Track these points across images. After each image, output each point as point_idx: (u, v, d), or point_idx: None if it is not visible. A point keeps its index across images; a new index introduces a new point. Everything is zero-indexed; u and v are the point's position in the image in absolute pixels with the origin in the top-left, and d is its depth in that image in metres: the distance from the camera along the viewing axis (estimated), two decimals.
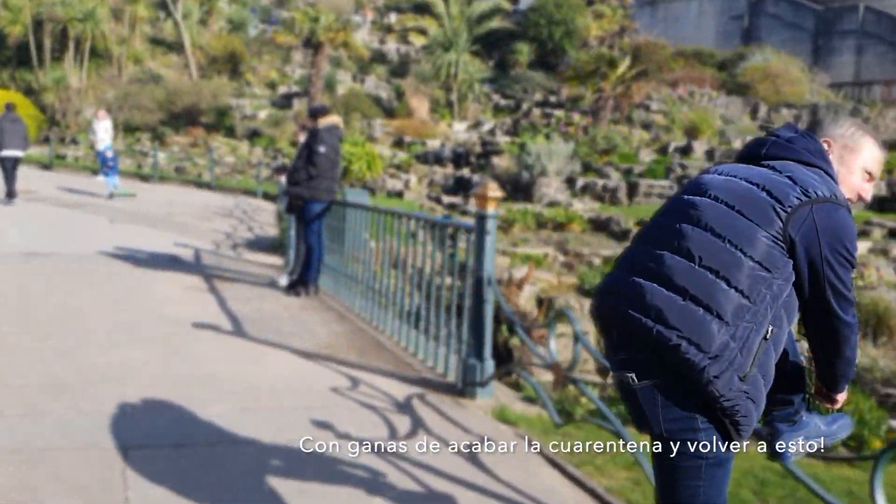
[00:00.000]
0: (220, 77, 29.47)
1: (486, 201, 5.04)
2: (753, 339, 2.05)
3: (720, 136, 19.77)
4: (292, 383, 5.19)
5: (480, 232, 5.15)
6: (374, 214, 7.46)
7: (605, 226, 14.56)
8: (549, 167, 17.36)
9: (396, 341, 6.48)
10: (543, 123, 21.79)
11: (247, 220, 15.08)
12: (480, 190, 5.07)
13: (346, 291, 8.06)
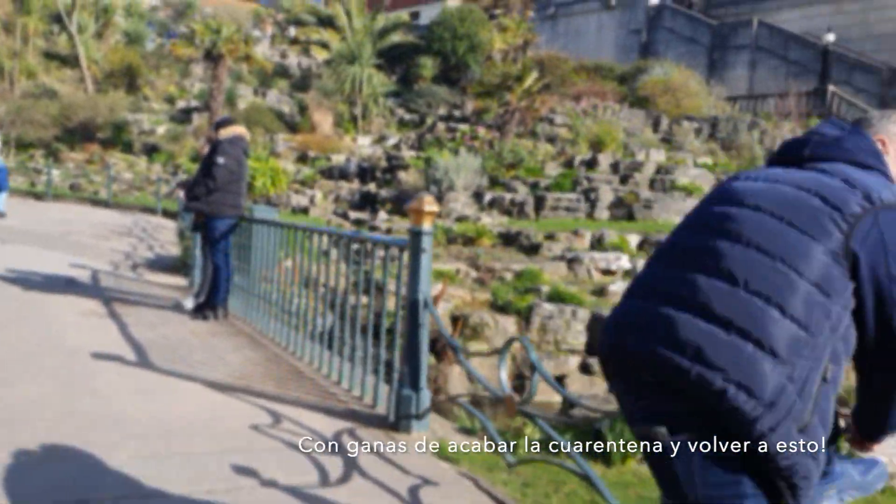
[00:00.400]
0: (117, 91, 29.29)
1: (422, 216, 4.82)
2: (812, 381, 1.74)
3: (624, 148, 20.27)
4: (207, 421, 4.79)
5: (416, 250, 4.92)
6: (288, 231, 7.17)
7: (515, 240, 14.62)
8: (458, 181, 17.35)
9: (317, 368, 6.18)
10: (448, 138, 21.86)
11: (147, 238, 14.84)
12: (416, 204, 4.83)
13: (257, 314, 7.74)
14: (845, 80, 30.29)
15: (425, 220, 4.83)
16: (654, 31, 36.35)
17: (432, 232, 4.92)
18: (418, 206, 4.82)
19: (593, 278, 13.23)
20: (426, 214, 4.82)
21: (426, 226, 4.85)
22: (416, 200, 4.86)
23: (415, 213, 4.86)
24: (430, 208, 4.83)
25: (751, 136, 21.82)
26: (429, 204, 4.82)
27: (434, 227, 13.29)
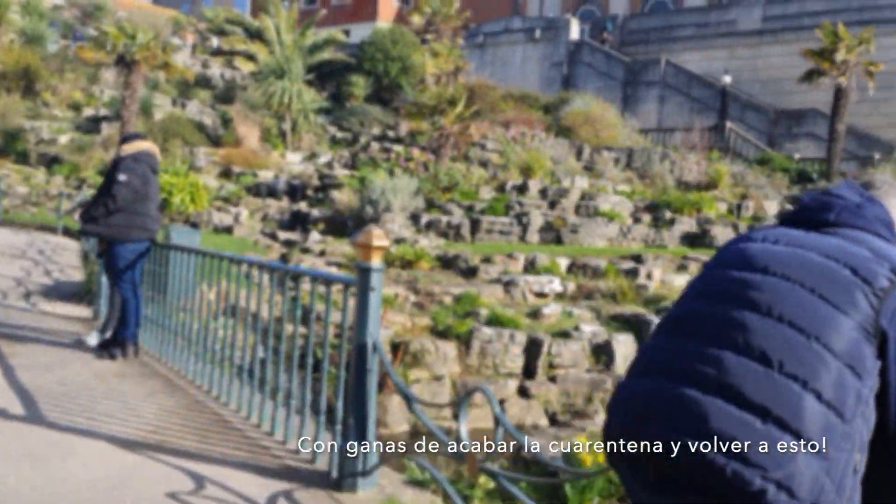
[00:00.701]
0: (11, 95, 24.81)
1: (371, 251, 4.01)
2: (847, 474, 1.47)
3: (551, 175, 19.81)
4: (113, 490, 3.79)
5: (364, 288, 4.10)
6: (214, 261, 5.95)
7: (453, 263, 13.87)
8: (394, 203, 16.49)
9: (245, 416, 5.14)
10: (383, 158, 20.94)
11: (44, 261, 12.31)
12: (364, 238, 4.01)
13: (174, 351, 6.45)
14: (739, 118, 30.82)
15: (374, 255, 4.03)
16: (575, 65, 36.36)
17: (382, 269, 4.10)
18: (366, 241, 4.00)
19: (528, 301, 12.56)
20: (375, 249, 4.02)
21: (375, 262, 4.04)
22: (363, 234, 4.03)
23: (363, 249, 4.05)
24: (380, 243, 4.03)
25: (662, 167, 21.67)
26: (378, 238, 4.02)
27: None
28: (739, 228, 17.76)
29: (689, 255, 15.28)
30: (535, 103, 28.99)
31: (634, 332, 11.51)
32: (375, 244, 3.98)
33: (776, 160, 24.10)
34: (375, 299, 4.09)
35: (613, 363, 10.91)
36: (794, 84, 31.29)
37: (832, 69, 20.92)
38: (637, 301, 12.74)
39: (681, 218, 17.43)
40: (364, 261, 4.05)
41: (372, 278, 4.05)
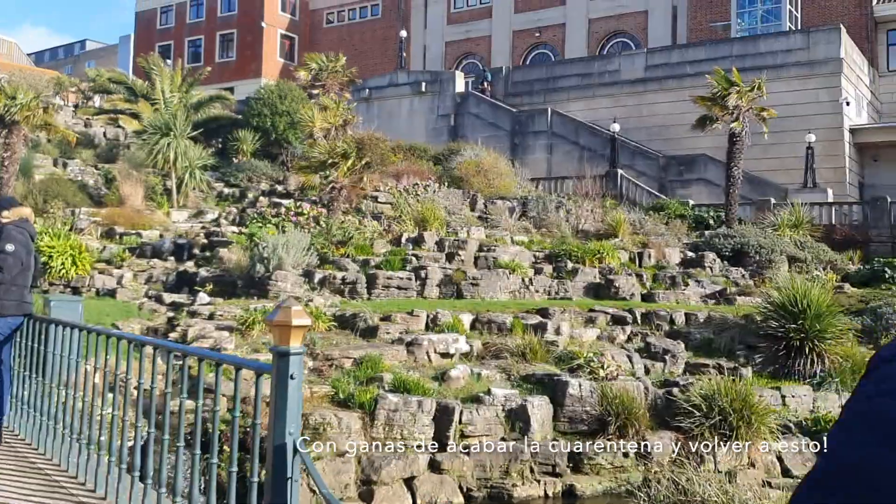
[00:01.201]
0: None
1: (290, 332, 3.40)
2: None
3: (447, 226, 19.45)
4: None
5: (282, 376, 3.46)
6: (101, 338, 5.24)
7: (351, 322, 13.09)
8: (286, 260, 15.57)
9: None
10: (272, 213, 20.02)
11: None
12: (281, 316, 3.40)
13: (55, 440, 5.63)
14: (630, 165, 31.78)
15: (294, 337, 3.43)
16: (461, 116, 36.72)
17: (303, 352, 3.42)
18: (285, 320, 3.40)
19: (433, 362, 11.93)
20: (295, 330, 3.40)
21: (295, 345, 3.43)
22: (281, 312, 3.42)
23: (280, 329, 3.42)
24: (301, 322, 3.42)
25: (558, 215, 21.80)
26: (298, 316, 3.39)
27: (262, 311, 11.29)
28: (644, 278, 17.91)
29: (596, 307, 15.16)
30: (425, 154, 28.88)
31: (549, 393, 11.08)
32: (296, 323, 3.37)
33: (671, 207, 24.79)
34: (296, 390, 3.46)
35: (530, 429, 10.40)
36: (682, 130, 32.89)
37: (725, 114, 21.82)
38: (548, 359, 12.38)
39: (583, 268, 17.39)
40: (281, 344, 3.42)
41: (291, 364, 3.43)
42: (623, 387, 11.14)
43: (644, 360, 13.12)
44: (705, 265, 19.60)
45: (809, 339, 13.17)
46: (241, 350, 11.18)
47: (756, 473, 10.93)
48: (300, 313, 3.39)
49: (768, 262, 20.44)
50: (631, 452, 10.52)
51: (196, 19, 56.30)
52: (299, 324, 3.37)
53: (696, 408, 10.96)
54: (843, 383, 12.96)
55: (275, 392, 3.43)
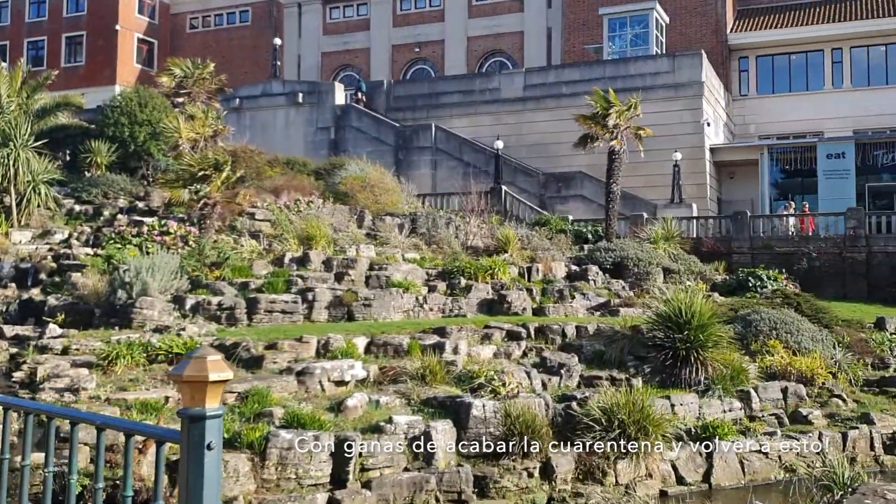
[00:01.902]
0: None
1: (205, 390, 2.73)
2: None
3: (334, 244, 18.76)
4: None
5: (194, 447, 2.75)
6: None
7: (232, 353, 12.14)
8: (152, 285, 14.39)
9: None
10: (133, 233, 18.45)
11: None
12: (193, 369, 2.73)
13: None
14: (511, 181, 32.13)
15: (210, 395, 2.74)
16: (343, 130, 36.03)
17: (222, 415, 2.75)
18: (198, 374, 2.72)
19: (327, 392, 11.25)
20: (212, 387, 2.73)
21: (213, 405, 2.74)
22: (193, 363, 2.74)
23: (192, 387, 2.74)
24: (220, 376, 2.76)
25: (448, 232, 21.57)
26: (217, 369, 2.75)
27: (127, 344, 10.27)
28: (534, 293, 17.89)
29: (492, 324, 14.94)
30: (305, 169, 27.94)
31: (451, 416, 10.67)
32: (213, 378, 2.71)
33: (552, 222, 25.14)
34: (215, 465, 2.75)
35: (434, 457, 9.94)
36: (560, 148, 33.62)
37: (605, 133, 22.33)
38: (448, 380, 11.99)
39: (476, 285, 17.19)
40: (194, 405, 2.73)
41: (209, 431, 2.73)
42: (525, 404, 10.89)
43: (541, 374, 12.97)
44: (589, 278, 19.89)
45: (694, 348, 13.45)
46: (105, 389, 10.09)
47: (653, 483, 10.95)
48: (219, 365, 2.74)
49: (646, 273, 21.02)
50: (535, 472, 10.25)
51: (37, 18, 51.43)
52: (218, 378, 2.72)
53: (596, 422, 10.86)
54: (726, 390, 13.30)
55: (186, 468, 2.71)
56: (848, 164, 31.16)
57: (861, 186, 31.02)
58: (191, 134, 20.91)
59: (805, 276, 22.64)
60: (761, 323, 16.34)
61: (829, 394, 14.02)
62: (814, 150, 32.42)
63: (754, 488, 11.32)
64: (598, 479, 10.55)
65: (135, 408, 9.62)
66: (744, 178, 35.31)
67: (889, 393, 14.51)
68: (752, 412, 13.10)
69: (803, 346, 15.47)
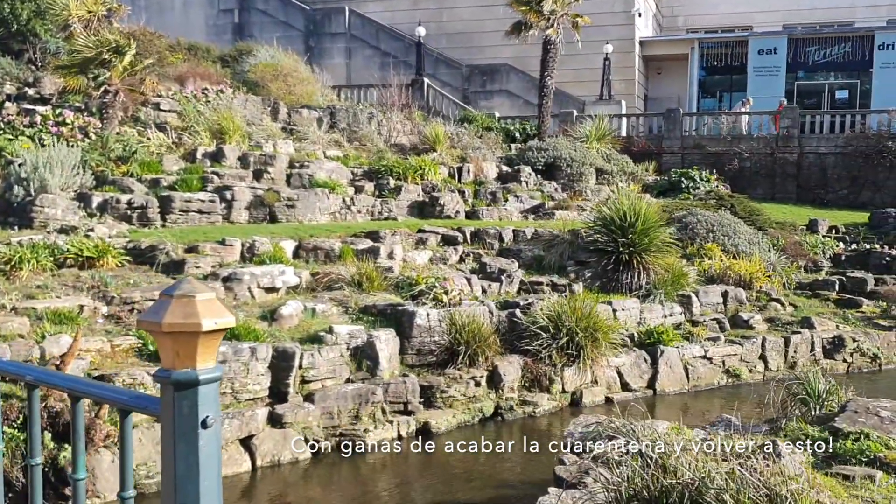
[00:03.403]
0: None
1: (195, 343, 1.94)
2: None
3: (249, 139, 17.85)
4: None
5: (184, 424, 1.98)
6: None
7: (149, 256, 11.49)
8: (52, 181, 13.36)
9: None
10: (24, 123, 17.05)
11: None
12: (178, 312, 1.90)
13: None
14: (432, 74, 31.31)
15: (203, 350, 1.96)
16: (247, 13, 34.04)
17: (220, 378, 2.05)
18: (187, 320, 1.91)
19: (257, 299, 10.83)
20: (206, 338, 1.95)
21: (208, 364, 1.98)
22: (176, 303, 1.92)
23: (176, 340, 1.95)
24: (219, 323, 1.94)
25: (370, 127, 20.88)
26: (212, 313, 1.94)
27: (31, 246, 9.49)
28: (466, 195, 17.66)
29: (426, 227, 14.68)
30: (209, 55, 26.38)
31: (394, 325, 10.50)
32: (208, 326, 1.92)
33: (479, 119, 24.70)
34: (213, 447, 2.00)
35: (378, 367, 9.79)
36: (484, 38, 32.80)
37: (540, 20, 21.70)
38: (386, 287, 11.75)
39: (406, 186, 16.80)
40: (181, 365, 1.96)
41: (202, 401, 1.98)
42: (470, 313, 10.80)
43: (481, 281, 12.89)
44: (521, 179, 19.76)
45: (637, 252, 13.61)
46: (11, 297, 9.34)
47: (599, 390, 11.19)
48: (213, 306, 1.95)
49: (579, 174, 21.06)
50: (482, 381, 10.27)
51: None
52: (215, 326, 1.93)
53: (543, 329, 10.91)
54: (667, 294, 13.60)
55: (172, 454, 1.98)
56: (779, 61, 31.71)
57: (790, 84, 31.72)
58: (81, 11, 19.15)
59: (735, 177, 23.22)
60: (698, 225, 16.70)
61: (767, 297, 14.55)
62: (745, 45, 32.75)
63: (698, 393, 11.77)
64: (544, 386, 10.68)
65: (46, 318, 8.97)
66: (671, 74, 35.49)
67: (821, 296, 15.21)
68: (693, 317, 13.48)
69: (741, 250, 15.93)
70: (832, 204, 22.38)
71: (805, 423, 6.15)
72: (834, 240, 18.11)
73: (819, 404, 6.67)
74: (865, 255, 17.00)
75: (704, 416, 10.36)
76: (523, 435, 9.46)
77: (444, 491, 7.84)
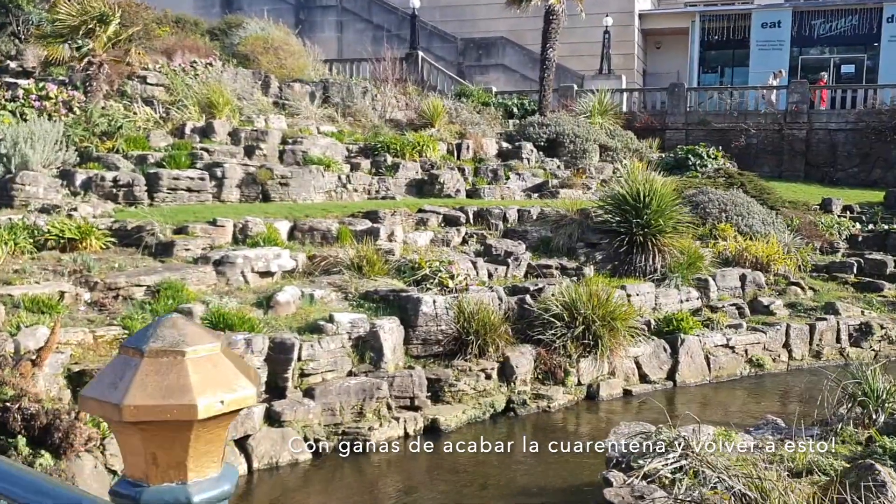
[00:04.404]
0: None
1: (187, 436, 1.15)
2: None
3: (240, 114, 17.00)
4: None
5: None
6: None
7: (135, 237, 10.71)
8: (33, 157, 12.54)
9: None
10: (6, 97, 16.16)
11: None
12: (155, 385, 1.14)
13: None
14: (426, 48, 30.38)
15: (201, 451, 1.18)
16: None
17: (229, 497, 1.26)
18: (170, 393, 1.14)
19: (251, 284, 10.10)
20: (206, 429, 1.17)
21: (205, 475, 1.20)
22: (149, 362, 1.16)
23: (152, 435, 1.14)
24: (228, 398, 1.17)
25: (364, 102, 20.04)
26: (216, 380, 1.17)
27: (8, 227, 8.68)
28: (466, 172, 16.91)
29: (426, 207, 13.95)
30: (197, 29, 25.40)
31: (397, 313, 9.79)
32: (210, 410, 1.14)
33: (476, 94, 23.87)
34: None
35: (382, 359, 9.09)
36: (479, 11, 31.86)
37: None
38: (388, 271, 11.02)
39: (404, 163, 16.03)
40: (165, 480, 1.18)
41: None
42: (478, 299, 10.10)
43: (487, 264, 12.17)
44: (523, 156, 19.01)
45: (652, 233, 12.92)
46: None
47: (616, 382, 10.53)
48: (219, 367, 1.21)
49: (582, 151, 20.33)
50: (493, 373, 9.59)
51: None
52: (223, 407, 1.18)
53: (557, 317, 10.22)
54: (684, 278, 12.94)
55: None
56: (783, 34, 30.90)
57: (794, 59, 30.94)
58: None
59: (741, 154, 22.50)
60: (710, 205, 16.02)
61: (785, 281, 13.90)
62: (748, 18, 31.90)
63: (720, 385, 11.12)
64: (559, 379, 10.00)
65: (23, 306, 8.22)
66: (670, 48, 34.65)
67: (839, 279, 14.57)
68: (711, 302, 12.82)
69: (755, 230, 15.27)
70: (842, 182, 21.71)
71: (870, 429, 5.48)
72: (849, 220, 17.45)
73: (878, 406, 5.99)
74: (883, 235, 16.35)
75: (731, 411, 9.73)
76: (539, 432, 8.82)
77: (457, 500, 7.17)
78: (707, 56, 33.76)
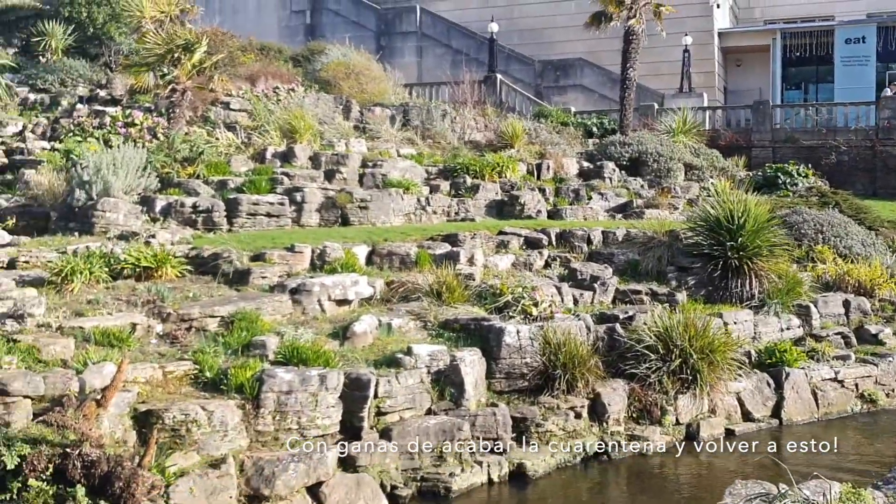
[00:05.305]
0: None
1: None
2: None
3: (321, 138, 16.45)
4: None
5: None
6: None
7: (212, 265, 10.11)
8: (115, 184, 12.16)
9: None
10: (94, 125, 16.07)
11: None
12: None
13: None
14: (504, 70, 29.59)
15: None
16: (319, 13, 32.90)
17: None
18: None
19: (328, 313, 9.33)
20: None
21: None
22: None
23: None
24: None
25: (444, 124, 19.28)
26: None
27: (86, 255, 8.00)
28: (546, 193, 15.92)
29: (507, 229, 13.00)
30: (280, 55, 25.23)
31: (478, 343, 8.84)
32: None
33: (554, 115, 22.87)
34: None
35: (464, 395, 8.14)
36: (556, 33, 30.94)
37: (621, 10, 19.76)
38: (468, 298, 10.10)
39: (484, 184, 15.16)
40: None
41: None
42: (565, 329, 9.08)
43: (572, 289, 11.13)
44: (604, 176, 17.86)
45: (747, 256, 11.65)
46: (58, 314, 8.03)
47: (718, 421, 9.31)
48: None
49: (666, 170, 19.04)
50: (584, 412, 8.53)
51: None
52: None
53: (650, 349, 9.11)
54: (784, 305, 11.61)
55: None
56: (869, 50, 28.88)
57: (881, 74, 28.86)
58: (154, 12, 18.11)
59: (831, 172, 20.81)
60: (805, 225, 14.59)
61: (892, 307, 12.38)
62: (831, 34, 29.99)
63: (830, 423, 9.76)
64: (655, 418, 8.86)
65: (93, 339, 7.64)
66: (751, 65, 33.00)
67: None
68: (813, 330, 11.44)
69: (855, 252, 13.78)
70: None
71: None
72: None
73: None
74: None
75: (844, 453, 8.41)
76: (636, 480, 7.71)
77: None
78: (789, 73, 31.93)
